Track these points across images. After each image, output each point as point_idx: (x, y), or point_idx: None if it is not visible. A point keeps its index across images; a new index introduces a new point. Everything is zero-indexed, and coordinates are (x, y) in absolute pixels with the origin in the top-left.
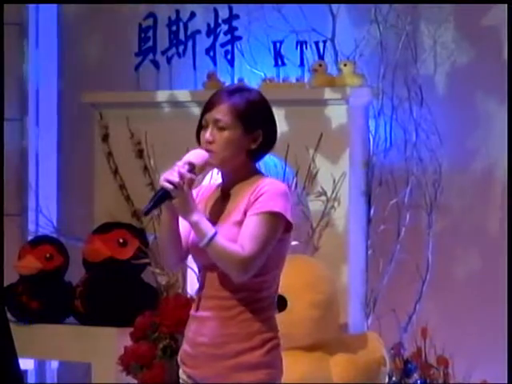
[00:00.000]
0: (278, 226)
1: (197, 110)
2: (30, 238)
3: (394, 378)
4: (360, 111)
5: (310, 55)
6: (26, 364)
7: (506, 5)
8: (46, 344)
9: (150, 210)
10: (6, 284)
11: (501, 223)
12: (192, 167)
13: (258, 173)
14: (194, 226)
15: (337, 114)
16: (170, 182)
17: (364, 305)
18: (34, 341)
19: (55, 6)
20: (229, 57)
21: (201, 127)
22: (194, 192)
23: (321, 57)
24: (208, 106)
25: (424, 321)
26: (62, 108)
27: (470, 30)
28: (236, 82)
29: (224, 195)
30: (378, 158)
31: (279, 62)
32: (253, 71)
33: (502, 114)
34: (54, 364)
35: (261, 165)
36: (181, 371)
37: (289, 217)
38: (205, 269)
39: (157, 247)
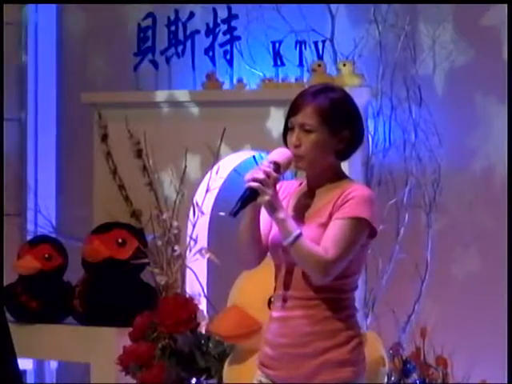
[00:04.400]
0: (362, 232)
1: (196, 110)
2: (29, 237)
3: (392, 378)
4: None
5: (309, 55)
6: (25, 364)
7: (506, 5)
8: (45, 344)
9: (239, 211)
10: (5, 284)
11: (500, 223)
12: (277, 166)
13: (345, 177)
14: (280, 223)
15: None
16: (256, 180)
17: (363, 305)
18: (33, 341)
19: (54, 5)
20: (228, 57)
21: (287, 129)
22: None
23: (320, 57)
24: (293, 109)
25: (423, 321)
26: (61, 108)
27: (469, 30)
28: (235, 82)
29: (309, 194)
30: (377, 157)
31: (278, 62)
32: (252, 71)
33: (501, 113)
34: (53, 364)
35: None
36: (258, 373)
37: (374, 223)
38: (284, 268)
39: (155, 247)
